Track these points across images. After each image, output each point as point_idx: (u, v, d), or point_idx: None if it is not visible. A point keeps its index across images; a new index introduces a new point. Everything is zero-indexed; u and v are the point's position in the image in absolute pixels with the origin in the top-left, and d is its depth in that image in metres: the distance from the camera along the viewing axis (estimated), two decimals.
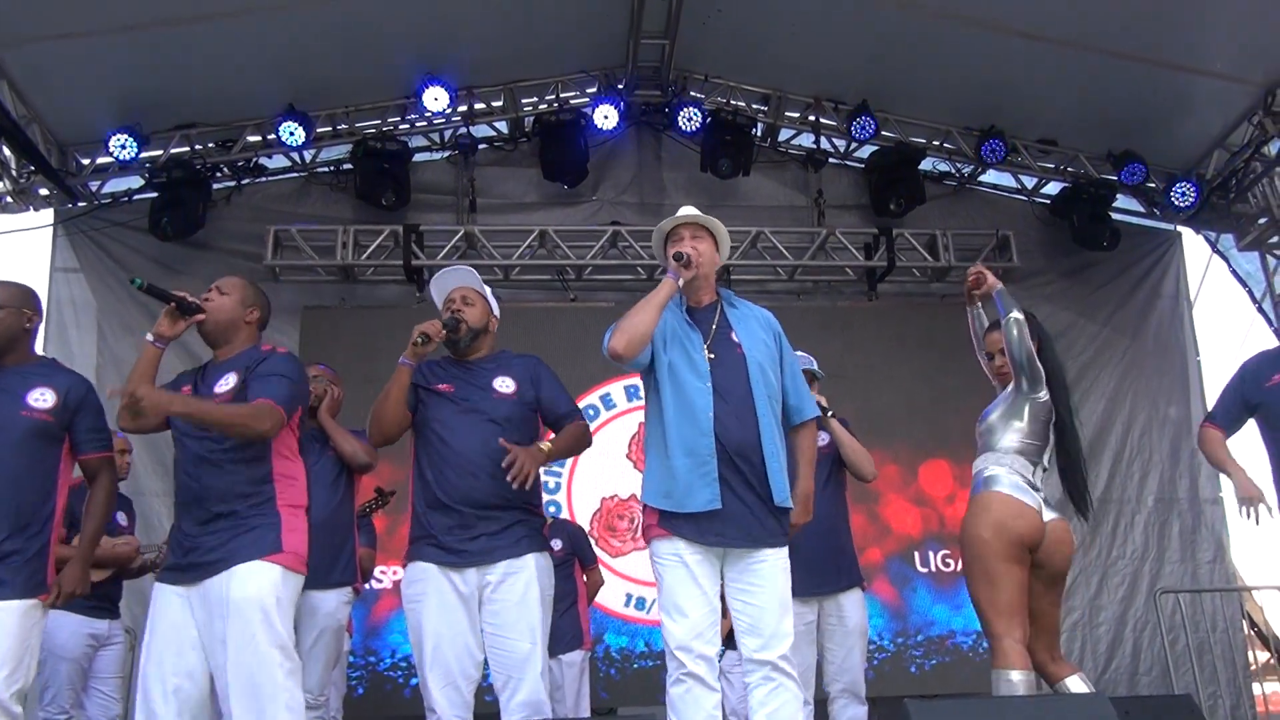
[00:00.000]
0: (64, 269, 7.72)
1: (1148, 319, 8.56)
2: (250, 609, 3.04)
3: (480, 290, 3.89)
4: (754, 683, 3.22)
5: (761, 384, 3.41)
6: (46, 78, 6.88)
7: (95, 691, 4.97)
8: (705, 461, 3.29)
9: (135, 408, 3.07)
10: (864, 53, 7.69)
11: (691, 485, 3.28)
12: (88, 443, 3.50)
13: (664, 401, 3.43)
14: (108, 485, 3.57)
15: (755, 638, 3.23)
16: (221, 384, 3.33)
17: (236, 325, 3.46)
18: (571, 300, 8.20)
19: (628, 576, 7.33)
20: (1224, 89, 7.46)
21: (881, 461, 7.72)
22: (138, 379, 3.28)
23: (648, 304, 3.38)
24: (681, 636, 3.20)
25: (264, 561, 3.13)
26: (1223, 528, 8.06)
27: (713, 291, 3.64)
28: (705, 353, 3.43)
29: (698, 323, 3.52)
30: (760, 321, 3.61)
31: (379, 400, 3.63)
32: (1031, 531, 3.60)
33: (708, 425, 3.32)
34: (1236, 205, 8.32)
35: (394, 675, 7.06)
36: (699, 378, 3.38)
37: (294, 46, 7.13)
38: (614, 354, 3.38)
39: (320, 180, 8.32)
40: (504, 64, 7.92)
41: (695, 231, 3.59)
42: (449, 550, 3.49)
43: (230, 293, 3.47)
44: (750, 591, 3.28)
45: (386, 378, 3.65)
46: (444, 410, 3.64)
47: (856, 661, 4.54)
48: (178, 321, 3.36)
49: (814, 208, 8.62)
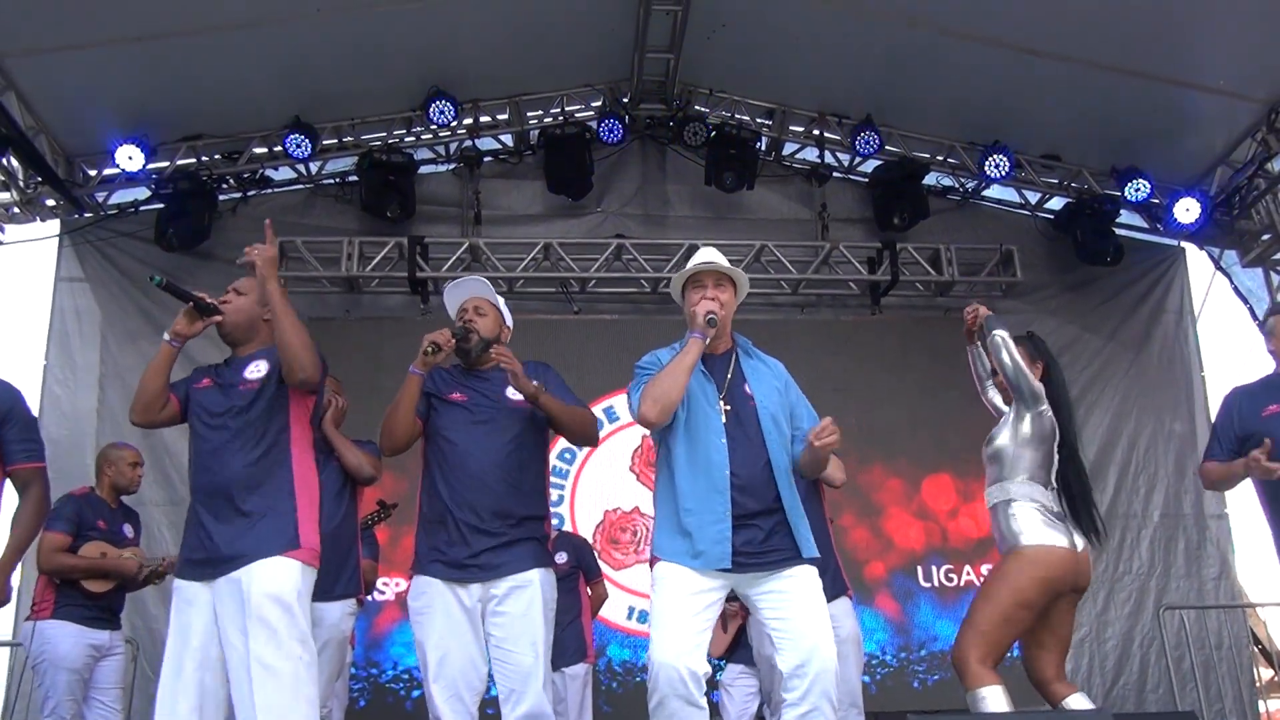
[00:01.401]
0: (69, 279, 7.74)
1: (1152, 334, 8.55)
2: (273, 603, 3.06)
3: (493, 301, 3.90)
4: (791, 701, 3.15)
5: (774, 435, 3.40)
6: (54, 89, 6.91)
7: (95, 702, 4.95)
8: (721, 519, 3.26)
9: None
10: (868, 67, 7.72)
11: (705, 540, 3.25)
12: (17, 453, 3.35)
13: (678, 456, 3.40)
14: (38, 496, 3.42)
15: (795, 651, 3.17)
16: (252, 369, 3.37)
17: (255, 324, 3.48)
18: (575, 313, 8.21)
19: (630, 589, 7.33)
20: (1227, 105, 7.47)
21: (884, 475, 7.78)
22: (153, 377, 3.33)
23: (677, 369, 3.33)
24: (667, 654, 3.16)
25: (284, 557, 3.14)
26: (1228, 544, 8.03)
27: (729, 339, 3.61)
28: (721, 404, 3.41)
29: (713, 372, 3.49)
30: (772, 372, 3.60)
31: (390, 409, 3.62)
32: (1077, 577, 3.60)
33: (723, 481, 3.29)
34: (1240, 222, 8.32)
35: (396, 687, 7.05)
36: (714, 433, 3.36)
37: (300, 59, 7.17)
38: (645, 422, 3.38)
39: (326, 192, 8.35)
40: (509, 77, 7.96)
41: (718, 280, 3.53)
42: (454, 565, 3.48)
43: (248, 292, 3.50)
44: (782, 604, 3.25)
45: (391, 389, 3.65)
46: (457, 420, 3.64)
47: (851, 671, 4.52)
48: (195, 321, 3.40)
49: (818, 222, 8.63)
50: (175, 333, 3.37)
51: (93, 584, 4.86)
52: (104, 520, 5.02)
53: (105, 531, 5.01)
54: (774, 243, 8.23)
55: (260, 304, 3.46)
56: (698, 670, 3.16)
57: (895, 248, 8.28)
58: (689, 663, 3.15)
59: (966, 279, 8.36)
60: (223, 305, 3.45)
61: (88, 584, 4.86)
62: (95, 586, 4.87)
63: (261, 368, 3.36)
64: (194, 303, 3.38)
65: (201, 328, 3.42)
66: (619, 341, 7.66)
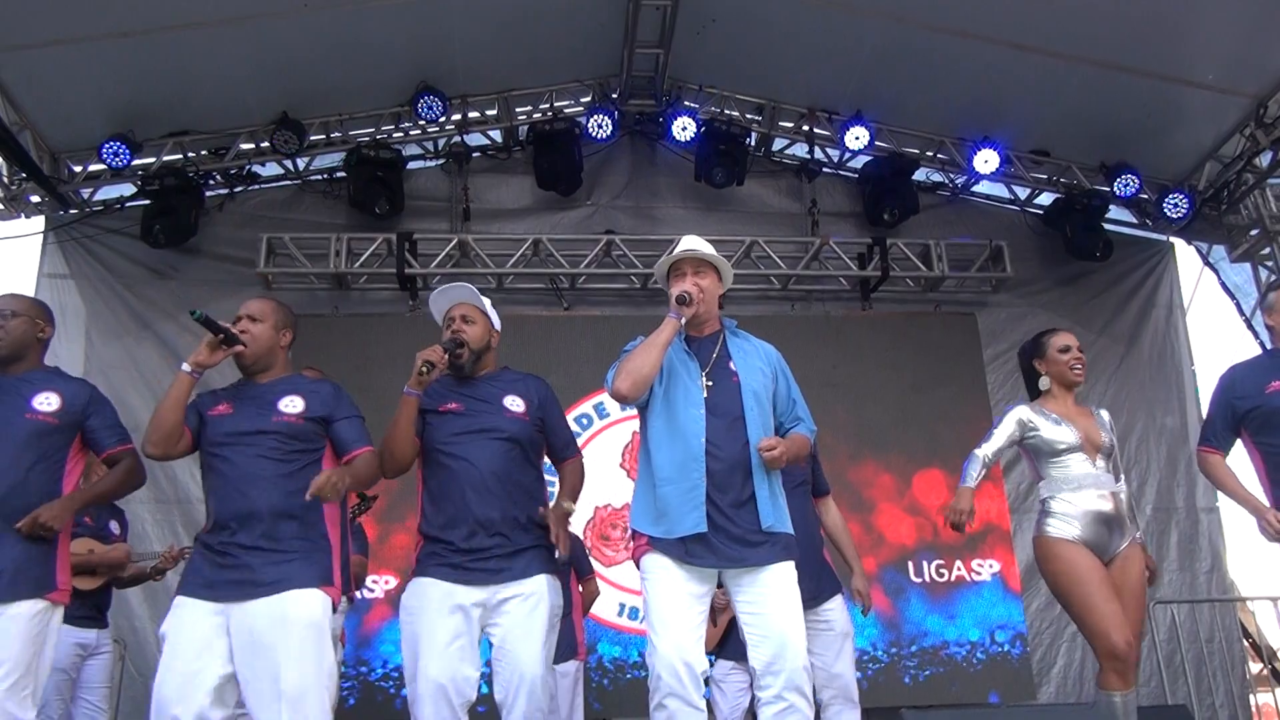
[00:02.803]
0: (52, 275, 7.68)
1: (1142, 329, 8.58)
2: (309, 630, 3.17)
3: (480, 306, 3.82)
4: (767, 699, 3.21)
5: (755, 411, 3.43)
6: (39, 84, 6.85)
7: (82, 701, 4.94)
8: (695, 485, 3.32)
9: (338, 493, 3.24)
10: (858, 63, 7.70)
11: (680, 509, 3.32)
12: (107, 440, 3.60)
13: (656, 430, 3.47)
14: (130, 466, 3.63)
15: (766, 648, 3.24)
16: (288, 404, 3.43)
17: (274, 351, 3.55)
18: (565, 309, 8.19)
19: (621, 586, 7.31)
20: (1216, 101, 7.48)
21: (875, 471, 7.78)
22: (172, 408, 3.34)
23: (651, 346, 3.41)
24: (666, 653, 3.21)
25: (319, 590, 3.25)
26: (1219, 537, 8.05)
27: (716, 322, 3.67)
28: (703, 380, 3.47)
29: (698, 352, 3.56)
30: (760, 353, 3.64)
31: (388, 434, 3.57)
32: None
33: (699, 449, 3.35)
34: (1228, 217, 8.36)
35: (385, 686, 7.02)
36: (693, 405, 3.41)
37: (288, 54, 7.12)
38: (619, 396, 3.44)
39: (314, 188, 8.30)
40: (498, 73, 7.92)
41: (698, 267, 3.60)
42: (458, 569, 3.44)
43: (264, 319, 3.54)
44: (756, 601, 3.30)
45: (380, 386, 3.64)
46: (453, 430, 3.59)
47: (846, 665, 4.52)
48: (216, 351, 3.40)
49: (808, 217, 8.62)
50: (196, 363, 3.38)
51: (80, 580, 4.82)
52: (90, 516, 4.98)
53: (91, 528, 4.99)
54: (764, 238, 8.23)
55: (277, 330, 3.56)
56: (697, 667, 3.22)
57: (885, 243, 8.28)
58: (688, 658, 3.20)
59: (957, 274, 8.37)
60: (243, 335, 3.47)
61: (76, 581, 4.82)
62: (83, 584, 4.82)
63: (297, 403, 3.43)
64: (224, 334, 3.40)
65: (222, 358, 3.44)
66: (609, 337, 7.62)
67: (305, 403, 3.44)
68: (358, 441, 3.48)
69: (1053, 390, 4.19)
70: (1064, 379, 4.17)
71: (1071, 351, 4.17)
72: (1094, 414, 4.22)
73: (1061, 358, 4.16)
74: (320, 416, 3.45)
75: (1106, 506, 3.96)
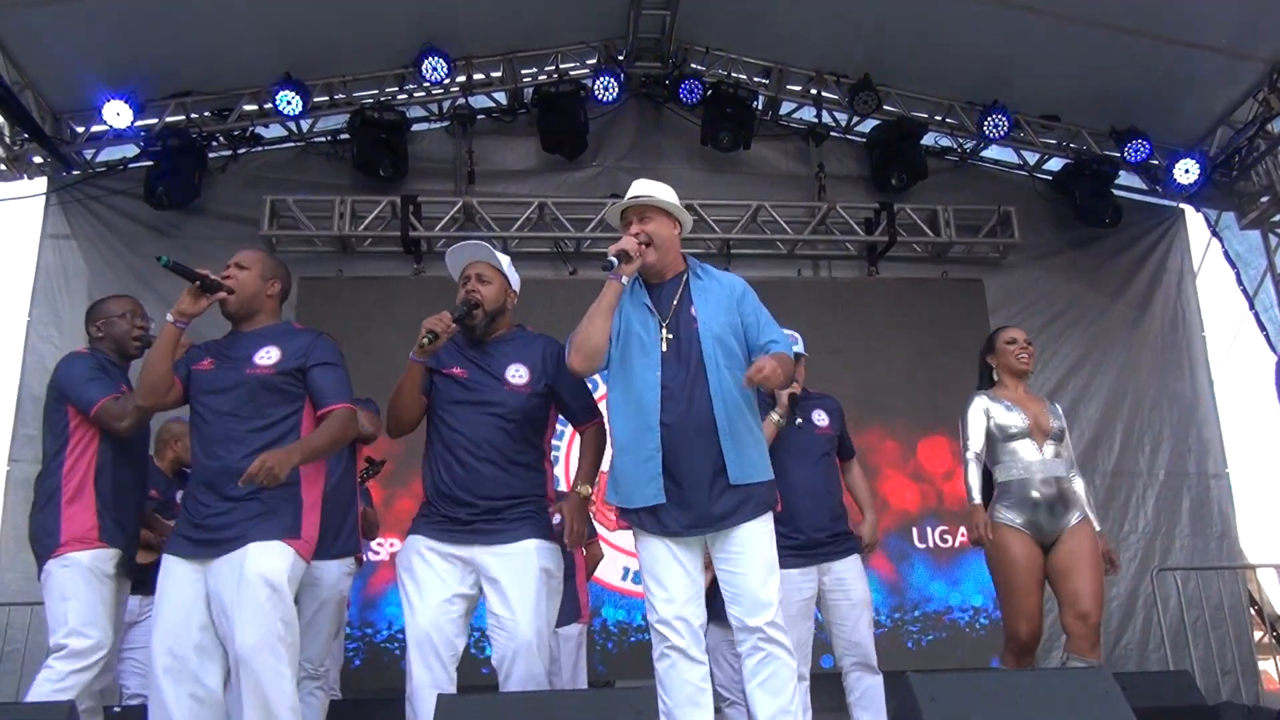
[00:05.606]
0: (55, 235, 7.67)
1: (1154, 295, 8.53)
2: (262, 582, 3.12)
3: (497, 265, 3.76)
4: (745, 652, 3.26)
5: (717, 358, 3.36)
6: (41, 44, 6.79)
7: (129, 659, 5.02)
8: (650, 456, 3.30)
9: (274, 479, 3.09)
10: (866, 26, 7.63)
11: (636, 480, 3.32)
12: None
13: (613, 397, 3.44)
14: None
15: (738, 605, 3.27)
16: (263, 355, 3.38)
17: (259, 300, 3.51)
18: (570, 273, 8.15)
19: (625, 550, 7.31)
20: (1229, 65, 7.39)
21: (880, 437, 7.77)
22: (159, 359, 3.32)
23: (595, 314, 3.38)
24: (662, 609, 3.26)
25: (281, 542, 3.20)
26: (1229, 503, 8.05)
27: (679, 264, 3.57)
28: (663, 334, 3.40)
29: (659, 299, 3.48)
30: (722, 287, 3.53)
31: (393, 396, 3.56)
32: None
33: (654, 418, 3.31)
34: (1239, 183, 8.28)
35: (391, 647, 7.06)
36: (649, 368, 3.35)
37: (291, 14, 7.06)
38: (574, 371, 3.43)
39: (317, 150, 8.25)
40: (503, 34, 7.84)
41: (642, 214, 3.50)
42: (448, 531, 3.44)
43: (251, 267, 3.50)
44: (730, 559, 3.30)
45: (384, 349, 3.63)
46: (454, 397, 3.56)
47: (865, 633, 4.59)
48: (200, 299, 3.36)
49: (815, 182, 8.56)
50: (180, 313, 3.33)
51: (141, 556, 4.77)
52: (158, 490, 4.97)
53: (157, 501, 4.94)
54: (770, 203, 8.17)
55: (264, 279, 3.50)
56: (694, 621, 3.27)
57: (893, 209, 8.23)
58: (683, 613, 3.26)
59: (964, 240, 8.32)
60: (227, 281, 3.43)
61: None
62: (142, 558, 4.77)
63: (273, 354, 3.38)
64: (199, 281, 3.34)
65: (206, 305, 3.39)
66: None
67: (281, 353, 3.39)
68: (331, 397, 3.40)
69: (1003, 380, 4.53)
70: (1011, 367, 4.51)
71: (1018, 343, 4.52)
72: (1045, 402, 4.52)
73: (1009, 348, 4.52)
74: (294, 368, 3.39)
75: (1050, 491, 4.26)
